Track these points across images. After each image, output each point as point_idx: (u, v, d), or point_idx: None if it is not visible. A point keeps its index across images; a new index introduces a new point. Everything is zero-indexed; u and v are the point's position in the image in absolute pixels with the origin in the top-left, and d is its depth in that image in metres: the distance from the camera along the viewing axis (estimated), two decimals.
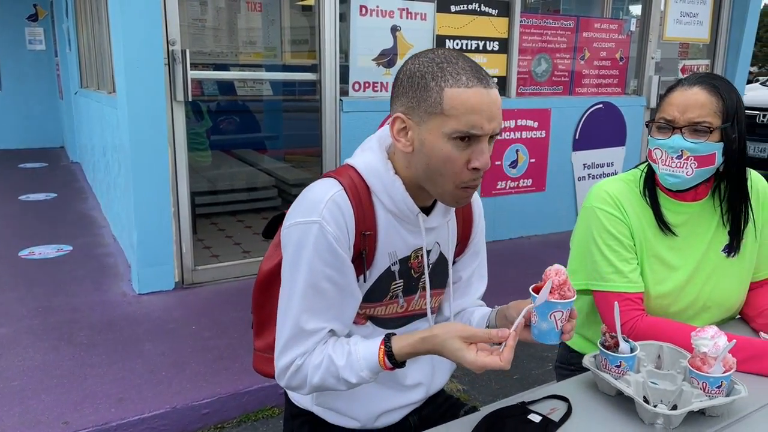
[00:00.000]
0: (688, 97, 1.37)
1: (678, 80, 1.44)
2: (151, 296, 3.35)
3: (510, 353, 1.01)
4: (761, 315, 1.49)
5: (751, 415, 1.15)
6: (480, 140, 1.05)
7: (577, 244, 1.54)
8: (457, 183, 1.08)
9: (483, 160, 1.06)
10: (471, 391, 2.71)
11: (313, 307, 1.12)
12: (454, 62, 1.05)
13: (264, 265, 1.28)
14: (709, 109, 1.35)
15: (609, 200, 1.48)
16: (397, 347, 1.09)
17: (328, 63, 3.68)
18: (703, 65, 5.57)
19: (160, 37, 3.15)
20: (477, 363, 1.01)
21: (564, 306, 1.02)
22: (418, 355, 1.09)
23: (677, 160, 1.38)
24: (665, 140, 1.39)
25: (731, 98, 1.37)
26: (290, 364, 1.13)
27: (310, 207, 1.11)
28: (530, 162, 4.63)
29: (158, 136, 3.21)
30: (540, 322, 1.04)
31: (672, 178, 1.40)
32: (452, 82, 1.03)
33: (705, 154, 1.37)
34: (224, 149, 6.12)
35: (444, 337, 1.04)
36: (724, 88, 1.37)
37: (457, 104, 1.02)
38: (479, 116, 1.03)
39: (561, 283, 1.02)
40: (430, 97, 1.04)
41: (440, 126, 1.04)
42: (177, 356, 2.71)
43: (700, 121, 1.35)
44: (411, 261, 1.22)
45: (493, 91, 1.05)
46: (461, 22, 4.17)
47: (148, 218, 3.28)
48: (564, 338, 1.06)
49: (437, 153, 1.06)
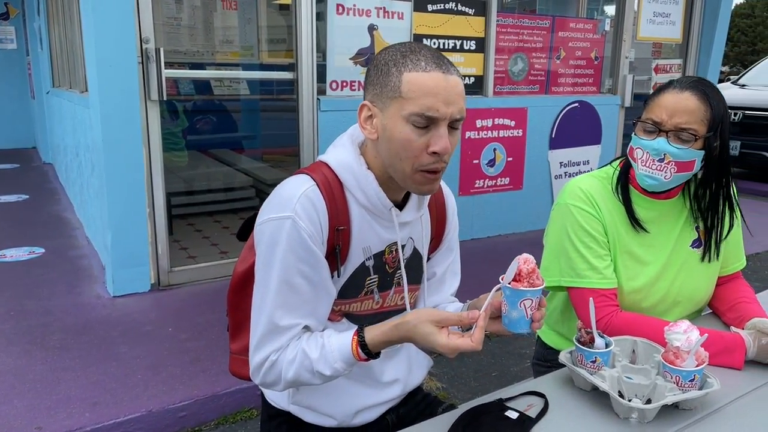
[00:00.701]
0: (679, 101, 1.37)
1: (669, 82, 1.44)
2: (126, 298, 3.30)
3: (481, 334, 1.02)
4: (731, 309, 1.51)
5: (724, 408, 1.17)
6: (438, 124, 1.07)
7: (551, 241, 1.55)
8: (416, 166, 1.09)
9: (442, 144, 1.07)
10: (450, 389, 2.72)
11: (287, 304, 1.11)
12: (417, 51, 1.09)
13: (238, 267, 1.27)
14: (696, 117, 1.36)
15: (583, 197, 1.49)
16: (370, 336, 1.09)
17: (305, 62, 3.66)
18: (676, 65, 5.66)
19: (133, 35, 3.10)
20: (449, 346, 1.02)
21: (533, 294, 1.03)
22: (392, 343, 1.09)
23: (658, 163, 1.39)
24: (649, 141, 1.40)
25: (719, 107, 1.37)
26: (264, 361, 1.13)
27: (283, 203, 1.11)
28: (507, 161, 4.66)
29: (132, 135, 3.16)
30: (510, 310, 1.05)
31: (650, 179, 1.42)
32: (411, 66, 1.06)
33: (686, 161, 1.38)
34: (201, 149, 6.06)
35: (415, 323, 1.05)
36: (713, 97, 1.37)
37: (415, 87, 1.05)
38: (435, 99, 1.05)
39: (530, 271, 1.03)
40: (391, 82, 1.07)
41: (399, 109, 1.06)
42: (153, 359, 2.67)
43: (687, 127, 1.36)
44: (385, 256, 1.22)
45: (453, 77, 1.07)
46: (438, 21, 4.18)
47: (123, 219, 3.22)
48: (534, 327, 1.06)
49: (397, 136, 1.07)
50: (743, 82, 8.39)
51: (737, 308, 1.49)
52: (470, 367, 2.91)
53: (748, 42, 26.12)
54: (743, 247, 1.63)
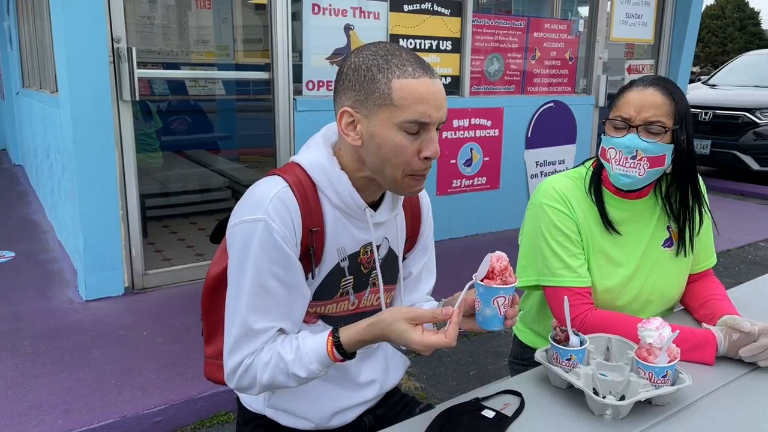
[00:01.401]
0: (645, 97, 1.40)
1: (632, 81, 1.47)
2: (100, 302, 3.24)
3: (454, 330, 1.02)
4: (702, 306, 1.54)
5: (696, 403, 1.18)
6: (429, 129, 1.08)
7: (527, 241, 1.56)
8: (408, 171, 1.09)
9: (433, 149, 1.08)
10: (428, 389, 2.72)
11: (261, 307, 1.10)
12: (398, 54, 1.08)
13: (212, 270, 1.25)
14: (663, 110, 1.39)
15: (556, 196, 1.51)
16: (345, 336, 1.08)
17: (281, 62, 3.63)
18: (648, 65, 5.75)
19: (104, 35, 3.05)
20: (424, 343, 1.02)
21: (506, 291, 1.04)
22: (367, 342, 1.09)
23: (631, 161, 1.41)
24: (621, 139, 1.42)
25: (682, 102, 1.42)
26: (239, 365, 1.11)
27: (255, 205, 1.09)
28: (484, 160, 4.68)
29: (104, 136, 3.11)
30: (483, 308, 1.05)
31: (625, 178, 1.44)
32: (399, 73, 1.05)
33: (657, 155, 1.41)
34: (176, 150, 5.98)
35: (390, 321, 1.04)
36: (675, 92, 1.42)
37: (407, 94, 1.05)
38: (428, 105, 1.06)
39: (502, 268, 1.04)
40: (379, 89, 1.06)
41: (390, 117, 1.06)
42: (127, 363, 2.63)
43: (656, 120, 1.39)
44: (360, 257, 1.21)
45: (438, 81, 1.09)
46: (414, 21, 4.18)
47: (95, 222, 3.17)
48: (507, 324, 1.07)
49: (388, 143, 1.07)
50: (713, 82, 8.56)
51: (708, 305, 1.52)
52: (448, 366, 2.92)
53: (719, 43, 26.68)
54: (714, 245, 1.66)
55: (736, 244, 4.92)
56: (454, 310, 1.03)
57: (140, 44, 5.59)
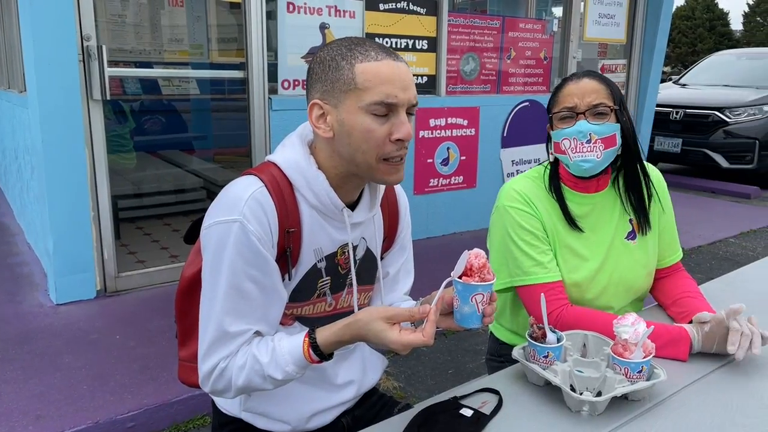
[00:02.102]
0: (582, 85, 1.46)
1: (564, 78, 1.53)
2: (71, 306, 3.17)
3: (432, 328, 1.01)
4: (675, 303, 1.56)
5: (670, 398, 1.19)
6: (398, 111, 1.07)
7: (496, 245, 1.58)
8: (381, 155, 1.08)
9: (404, 130, 1.07)
10: (407, 388, 2.72)
11: (236, 309, 1.08)
12: (362, 43, 1.08)
13: (186, 271, 1.23)
14: (603, 93, 1.45)
15: (518, 198, 1.53)
16: (322, 337, 1.07)
17: (256, 61, 3.60)
18: (621, 65, 5.83)
19: (73, 32, 2.98)
20: (401, 341, 1.01)
21: (485, 288, 1.03)
22: (344, 343, 1.07)
23: (587, 145, 1.45)
24: (572, 127, 1.46)
25: (614, 87, 1.49)
26: (214, 368, 1.09)
27: (230, 205, 1.07)
28: (461, 159, 4.70)
29: (74, 136, 3.04)
30: (462, 305, 1.05)
31: (585, 163, 1.46)
32: (362, 57, 1.06)
33: (608, 135, 1.45)
34: (150, 150, 5.89)
35: (367, 320, 1.03)
36: (607, 79, 1.50)
37: (370, 76, 1.04)
38: (392, 85, 1.05)
39: (480, 266, 1.03)
40: (343, 76, 1.06)
41: (356, 101, 1.05)
42: (99, 368, 2.57)
43: (599, 102, 1.44)
44: (337, 258, 1.20)
45: (403, 64, 1.08)
46: (390, 20, 4.18)
47: (65, 224, 3.10)
48: (486, 321, 1.07)
49: (358, 129, 1.06)
50: (684, 82, 8.72)
51: (681, 303, 1.54)
52: (426, 365, 2.92)
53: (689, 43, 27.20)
54: (678, 240, 1.68)
55: (707, 241, 5.01)
56: (431, 308, 1.02)
57: (112, 43, 5.49)
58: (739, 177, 7.36)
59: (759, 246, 5.00)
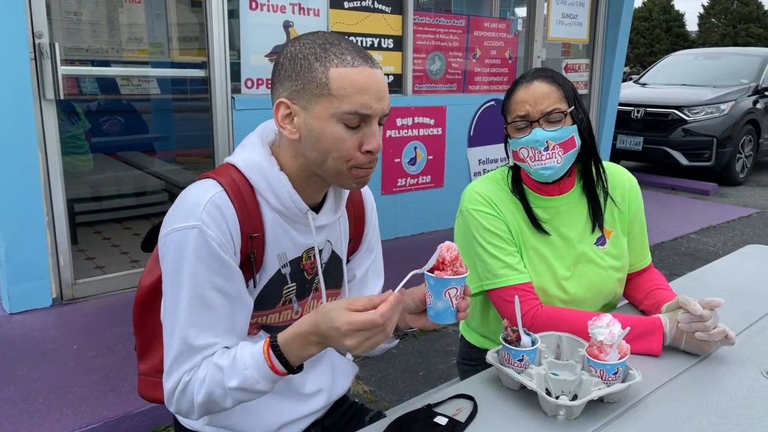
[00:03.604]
0: (533, 91, 1.42)
1: (514, 82, 1.48)
2: (25, 315, 3.03)
3: (385, 307, 0.91)
4: (647, 297, 1.55)
5: (646, 399, 1.18)
6: (371, 122, 1.02)
7: (462, 250, 1.53)
8: (352, 164, 1.03)
9: (375, 142, 1.02)
10: (377, 392, 2.67)
11: (201, 321, 1.02)
12: (337, 43, 1.02)
13: (143, 280, 1.16)
14: (555, 98, 1.41)
15: (481, 200, 1.50)
16: (283, 337, 0.98)
17: (218, 59, 3.51)
18: (584, 64, 5.90)
19: (24, 29, 2.85)
20: (350, 321, 0.90)
21: (458, 282, 0.99)
22: (304, 336, 0.97)
23: (545, 152, 1.42)
24: (528, 136, 1.42)
25: (566, 84, 1.45)
26: (177, 383, 1.03)
27: (188, 211, 1.01)
28: (428, 159, 4.68)
29: (25, 137, 2.90)
30: (435, 301, 1.00)
31: (545, 170, 1.43)
32: (338, 61, 1.00)
33: (566, 140, 1.42)
34: (108, 152, 5.71)
35: (328, 308, 0.95)
36: (557, 77, 1.45)
37: (346, 84, 0.99)
38: (368, 96, 1.00)
39: (453, 258, 0.99)
40: (316, 79, 1.00)
41: (328, 108, 1.00)
42: (56, 380, 2.46)
43: (552, 109, 1.40)
44: (303, 262, 1.15)
45: (379, 71, 1.03)
46: (355, 18, 4.13)
47: (18, 229, 2.95)
48: (460, 317, 1.02)
49: (327, 136, 1.01)
50: (644, 81, 8.91)
51: (653, 295, 1.53)
52: (397, 367, 2.88)
53: (647, 44, 27.88)
54: (648, 246, 1.67)
55: (670, 237, 5.11)
56: (394, 293, 0.94)
57: (67, 41, 5.30)
58: (698, 174, 7.54)
59: (719, 242, 5.12)
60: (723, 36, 26.93)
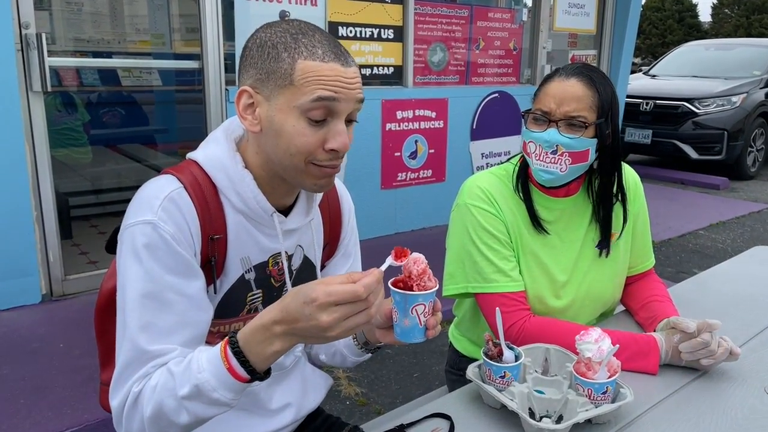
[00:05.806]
0: (566, 89, 1.31)
1: (555, 70, 1.37)
2: (12, 312, 2.97)
3: (369, 279, 0.81)
4: (643, 308, 1.46)
5: (638, 420, 1.09)
6: (336, 119, 0.94)
7: (454, 245, 1.44)
8: (311, 160, 0.95)
9: (341, 141, 0.94)
10: (369, 394, 2.60)
11: (155, 324, 0.92)
12: (311, 35, 0.93)
13: (106, 284, 1.09)
14: (585, 104, 1.30)
15: (482, 196, 1.40)
16: (242, 332, 0.86)
17: (212, 50, 3.43)
18: (591, 55, 5.77)
19: (9, 19, 2.77)
20: (326, 291, 0.80)
21: (425, 298, 0.90)
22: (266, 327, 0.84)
23: (552, 156, 1.32)
24: (540, 133, 1.33)
25: (606, 92, 1.32)
26: (126, 396, 0.91)
27: (144, 206, 0.94)
28: (429, 152, 4.58)
29: (11, 130, 2.83)
30: (402, 318, 0.91)
31: (546, 174, 1.34)
32: (307, 54, 0.91)
33: (579, 150, 1.31)
34: (108, 144, 5.65)
35: (300, 286, 0.84)
36: (600, 81, 1.32)
37: (310, 78, 0.91)
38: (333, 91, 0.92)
39: (420, 272, 0.89)
40: (281, 69, 0.92)
41: (290, 100, 0.92)
42: (40, 380, 2.40)
43: (576, 115, 1.30)
44: (269, 268, 1.06)
45: (352, 69, 0.94)
46: (354, 8, 4.02)
47: (4, 225, 2.89)
48: (429, 335, 0.93)
49: (287, 130, 0.93)
50: (654, 73, 8.73)
51: (649, 307, 1.44)
52: (391, 369, 2.80)
53: (659, 34, 27.49)
54: (651, 247, 1.58)
55: (677, 233, 4.99)
56: (376, 269, 0.84)
57: (68, 32, 5.24)
58: (709, 168, 7.39)
59: (728, 238, 4.99)
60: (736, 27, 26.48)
